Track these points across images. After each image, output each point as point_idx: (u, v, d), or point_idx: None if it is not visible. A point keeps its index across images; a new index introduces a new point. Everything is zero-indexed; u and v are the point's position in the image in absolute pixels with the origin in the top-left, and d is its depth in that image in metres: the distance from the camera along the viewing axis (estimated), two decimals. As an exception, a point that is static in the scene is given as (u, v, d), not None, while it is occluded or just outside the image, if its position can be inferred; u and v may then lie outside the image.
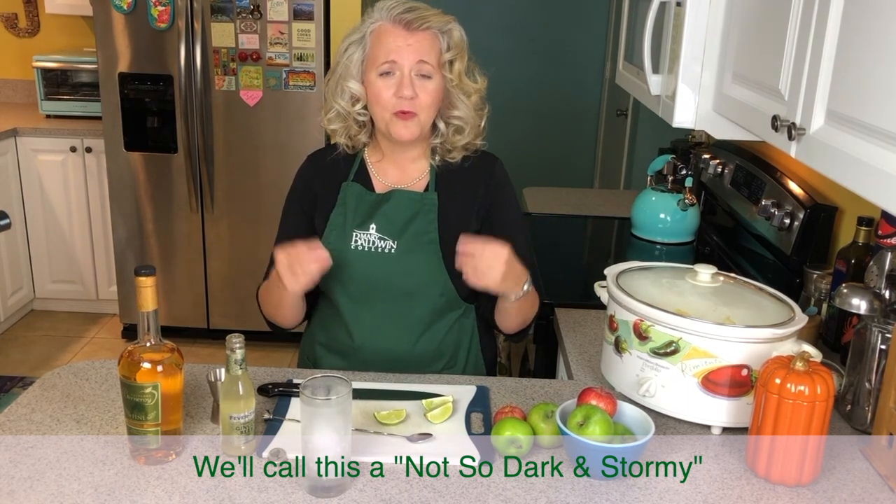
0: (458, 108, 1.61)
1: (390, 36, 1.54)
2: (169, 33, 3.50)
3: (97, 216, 4.00)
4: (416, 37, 1.54)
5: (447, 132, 1.63)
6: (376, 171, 1.67)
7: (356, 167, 1.67)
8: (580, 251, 2.68)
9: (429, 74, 1.55)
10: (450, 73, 1.58)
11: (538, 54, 5.41)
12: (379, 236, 1.60)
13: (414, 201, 1.62)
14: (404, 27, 1.54)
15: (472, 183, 1.65)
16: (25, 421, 1.38)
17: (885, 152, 0.99)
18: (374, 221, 1.61)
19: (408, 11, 1.54)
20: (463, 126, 1.62)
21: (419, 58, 1.53)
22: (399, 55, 1.53)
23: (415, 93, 1.54)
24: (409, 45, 1.53)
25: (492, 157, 1.70)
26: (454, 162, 1.65)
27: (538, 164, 5.37)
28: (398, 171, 1.66)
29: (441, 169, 1.65)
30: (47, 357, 3.79)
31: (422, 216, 1.61)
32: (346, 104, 1.60)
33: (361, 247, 1.60)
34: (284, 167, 3.63)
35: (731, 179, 2.44)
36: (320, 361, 1.70)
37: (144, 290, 1.23)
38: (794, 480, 1.26)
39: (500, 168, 1.69)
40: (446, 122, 1.63)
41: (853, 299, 1.43)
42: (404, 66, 1.53)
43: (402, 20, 1.54)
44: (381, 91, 1.55)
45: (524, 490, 1.24)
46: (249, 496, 1.20)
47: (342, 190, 1.65)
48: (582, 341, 1.79)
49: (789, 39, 1.25)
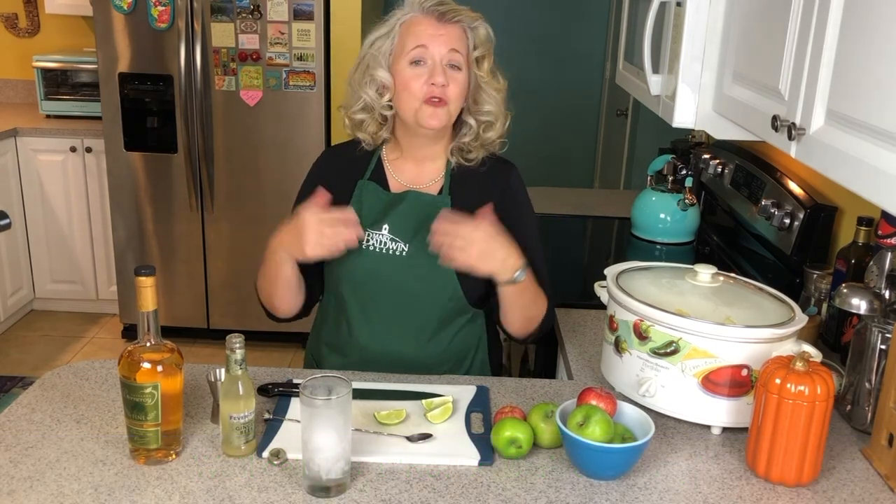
0: (488, 103, 1.61)
1: (422, 25, 1.55)
2: (169, 33, 3.50)
3: (97, 216, 4.00)
4: (448, 28, 1.55)
5: (477, 129, 1.62)
6: (393, 169, 1.67)
7: (373, 165, 1.67)
8: (580, 251, 2.68)
9: (458, 65, 1.56)
10: (479, 69, 1.59)
11: (538, 54, 5.41)
12: (391, 237, 1.60)
13: (427, 204, 1.61)
14: (437, 18, 1.55)
15: (486, 188, 1.65)
16: (25, 421, 1.38)
17: (885, 152, 0.99)
18: (388, 222, 1.61)
19: (440, 4, 1.57)
20: (493, 122, 1.63)
21: (451, 46, 1.54)
22: (431, 42, 1.54)
23: (446, 80, 1.54)
24: (441, 35, 1.54)
25: (508, 164, 1.69)
26: (471, 165, 1.65)
27: (538, 164, 5.36)
28: (415, 171, 1.66)
29: (457, 172, 1.65)
30: (47, 357, 3.79)
31: (434, 219, 1.60)
32: (373, 94, 1.59)
33: (373, 247, 1.60)
34: (284, 167, 3.63)
35: (731, 179, 2.44)
36: (325, 361, 1.70)
37: (144, 290, 1.23)
38: (793, 480, 1.26)
39: (516, 175, 1.69)
40: (476, 119, 1.62)
41: (853, 299, 1.43)
42: (435, 54, 1.54)
43: (434, 11, 1.56)
44: (410, 80, 1.55)
45: (524, 490, 1.24)
46: (249, 496, 1.20)
47: (358, 188, 1.64)
48: (582, 341, 1.79)
49: (789, 39, 1.25)
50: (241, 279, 3.74)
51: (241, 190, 3.70)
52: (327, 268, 1.65)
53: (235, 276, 3.78)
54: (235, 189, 3.70)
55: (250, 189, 3.69)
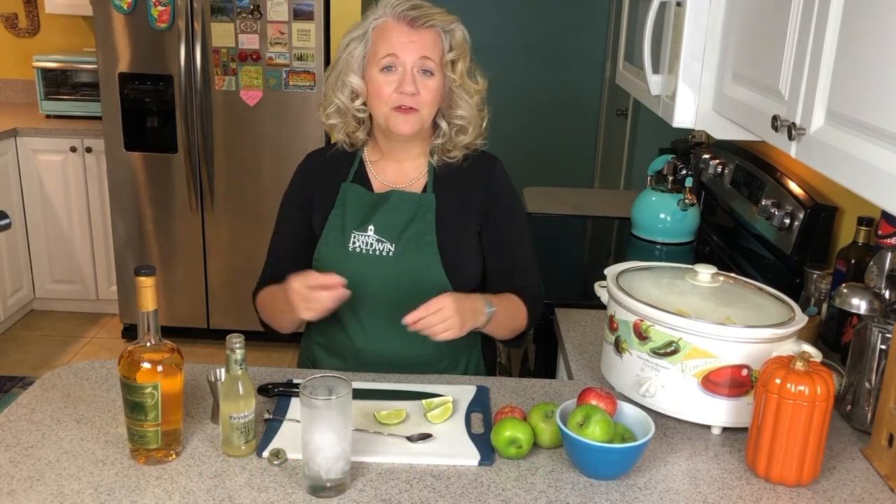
0: (461, 107, 1.61)
1: (393, 32, 1.54)
2: (169, 33, 3.50)
3: (97, 216, 4.00)
4: (420, 34, 1.54)
5: (450, 132, 1.63)
6: (375, 170, 1.67)
7: (355, 167, 1.67)
8: (580, 251, 2.68)
9: (431, 71, 1.55)
10: (452, 72, 1.58)
11: (538, 54, 5.41)
12: (377, 238, 1.60)
13: (412, 202, 1.62)
14: (408, 24, 1.54)
15: (470, 183, 1.65)
16: (25, 421, 1.38)
17: (885, 152, 0.99)
18: (373, 223, 1.61)
19: (412, 9, 1.55)
20: (466, 126, 1.62)
21: (422, 54, 1.54)
22: (402, 50, 1.53)
23: (416, 89, 1.54)
24: (413, 42, 1.53)
25: (491, 158, 1.69)
26: (453, 162, 1.65)
27: (538, 164, 5.37)
28: (397, 171, 1.66)
29: (440, 169, 1.65)
30: (47, 357, 3.79)
31: (420, 217, 1.60)
32: (345, 99, 1.60)
33: (359, 249, 1.60)
34: (284, 167, 3.63)
35: (731, 179, 2.44)
36: (319, 362, 1.70)
37: (144, 290, 1.23)
38: (794, 480, 1.26)
39: (500, 168, 1.69)
40: (449, 122, 1.62)
41: (853, 299, 1.43)
42: (406, 61, 1.54)
43: (406, 17, 1.54)
44: (382, 86, 1.55)
45: (524, 490, 1.24)
46: (249, 496, 1.20)
47: (341, 190, 1.65)
48: (582, 341, 1.79)
49: (789, 39, 1.25)
50: (241, 279, 3.74)
51: (241, 190, 3.70)
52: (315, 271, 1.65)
53: (235, 276, 3.78)
54: (235, 189, 3.70)
55: (250, 189, 3.69)
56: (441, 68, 1.56)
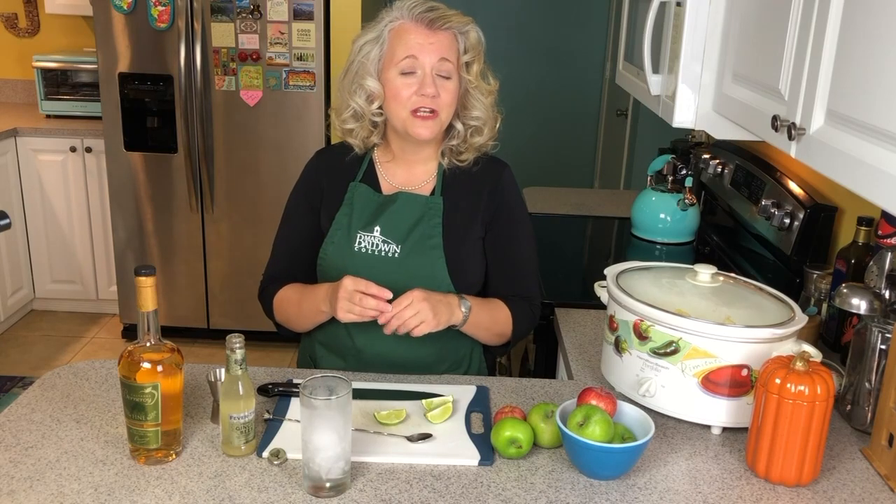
0: (476, 108, 1.61)
1: (411, 34, 1.54)
2: (169, 33, 3.50)
3: (97, 216, 4.00)
4: (438, 36, 1.54)
5: (465, 133, 1.62)
6: (384, 171, 1.67)
7: (364, 167, 1.67)
8: (580, 251, 2.68)
9: (448, 74, 1.55)
10: (468, 73, 1.58)
11: (538, 55, 5.41)
12: (383, 239, 1.60)
13: (419, 205, 1.62)
14: (426, 26, 1.54)
15: (478, 188, 1.65)
16: (25, 421, 1.38)
17: (885, 152, 0.99)
18: (379, 223, 1.61)
19: (429, 10, 1.55)
20: (481, 126, 1.63)
21: (440, 55, 1.53)
22: (421, 52, 1.53)
23: (437, 91, 1.54)
24: (431, 44, 1.53)
25: (500, 163, 1.69)
26: (463, 165, 1.65)
27: (538, 164, 5.37)
28: (406, 173, 1.66)
29: (449, 172, 1.65)
30: (47, 357, 3.79)
31: (426, 220, 1.60)
32: (363, 103, 1.60)
33: (365, 249, 1.60)
34: (284, 167, 3.63)
35: (731, 179, 2.44)
36: (320, 361, 1.70)
37: (144, 290, 1.23)
38: (793, 480, 1.26)
39: (509, 174, 1.69)
40: (464, 123, 1.62)
41: (853, 299, 1.43)
42: (426, 63, 1.53)
43: (424, 19, 1.54)
44: (400, 89, 1.55)
45: (524, 490, 1.24)
46: (249, 496, 1.20)
47: (350, 190, 1.65)
48: (582, 341, 1.79)
49: (789, 39, 1.25)
50: (241, 279, 3.74)
51: (240, 190, 3.70)
52: (320, 271, 1.65)
53: (235, 276, 3.78)
54: (235, 189, 3.70)
55: (250, 189, 3.69)
56: (458, 70, 1.57)
